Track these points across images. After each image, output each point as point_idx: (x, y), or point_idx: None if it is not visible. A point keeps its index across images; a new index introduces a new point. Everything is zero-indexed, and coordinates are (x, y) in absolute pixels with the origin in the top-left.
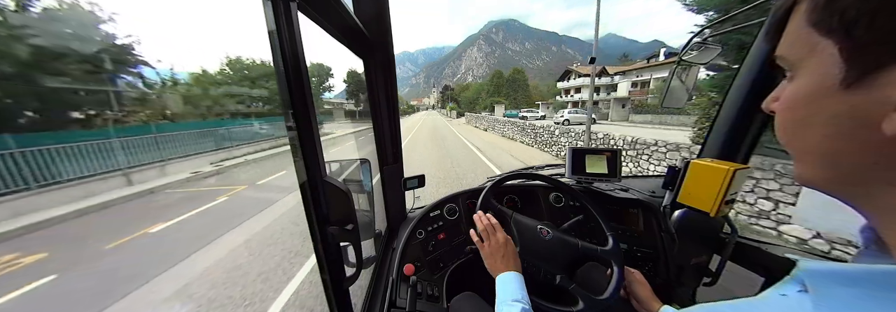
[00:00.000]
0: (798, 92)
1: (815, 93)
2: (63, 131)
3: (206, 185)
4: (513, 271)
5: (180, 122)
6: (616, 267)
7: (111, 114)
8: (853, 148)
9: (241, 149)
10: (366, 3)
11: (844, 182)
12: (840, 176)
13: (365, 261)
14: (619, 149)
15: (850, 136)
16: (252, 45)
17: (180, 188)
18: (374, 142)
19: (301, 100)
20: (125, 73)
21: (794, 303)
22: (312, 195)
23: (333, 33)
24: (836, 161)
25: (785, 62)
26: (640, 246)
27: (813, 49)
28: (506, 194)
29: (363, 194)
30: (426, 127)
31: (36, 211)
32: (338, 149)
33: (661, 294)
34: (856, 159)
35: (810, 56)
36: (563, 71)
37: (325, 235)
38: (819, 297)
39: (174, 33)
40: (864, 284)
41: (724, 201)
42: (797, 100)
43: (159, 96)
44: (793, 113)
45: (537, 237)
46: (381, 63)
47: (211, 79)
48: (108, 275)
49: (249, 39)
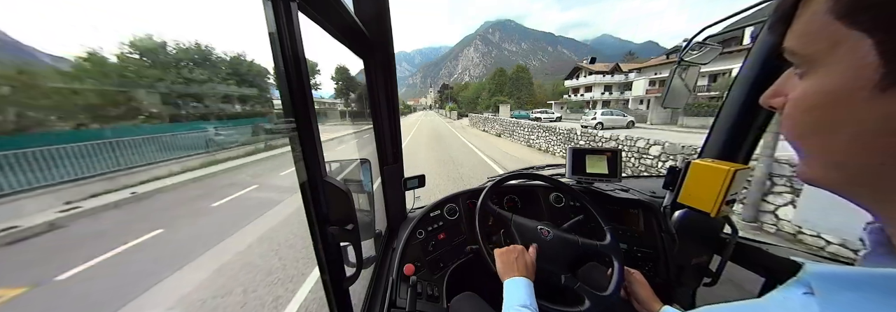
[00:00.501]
0: (818, 92)
1: (841, 95)
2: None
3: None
4: (522, 276)
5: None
6: (616, 262)
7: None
8: (873, 153)
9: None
10: (366, 3)
11: (852, 182)
12: (848, 177)
13: (365, 261)
14: (620, 149)
15: (874, 142)
16: (252, 44)
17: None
18: (374, 141)
19: (301, 100)
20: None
21: (799, 306)
22: (313, 195)
23: (333, 33)
24: (847, 162)
25: (797, 57)
26: (641, 247)
27: (837, 44)
28: (506, 194)
29: (363, 194)
30: (425, 130)
31: None
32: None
33: (662, 294)
34: (867, 161)
35: (833, 52)
36: (570, 69)
37: (325, 235)
38: (825, 301)
39: (173, 33)
40: (870, 288)
41: (725, 201)
42: (815, 100)
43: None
44: (809, 114)
45: (538, 238)
46: (381, 63)
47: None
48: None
49: (249, 39)
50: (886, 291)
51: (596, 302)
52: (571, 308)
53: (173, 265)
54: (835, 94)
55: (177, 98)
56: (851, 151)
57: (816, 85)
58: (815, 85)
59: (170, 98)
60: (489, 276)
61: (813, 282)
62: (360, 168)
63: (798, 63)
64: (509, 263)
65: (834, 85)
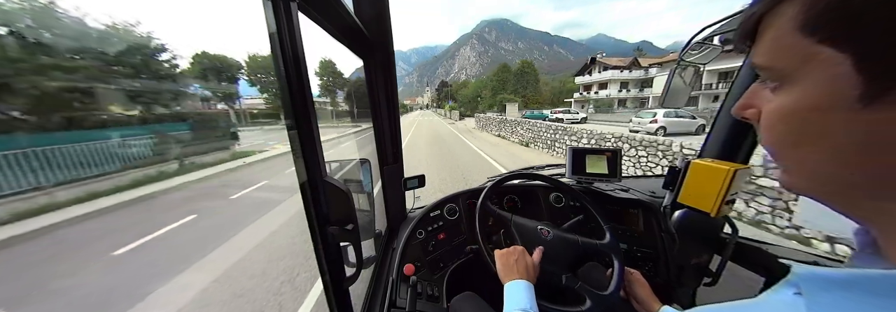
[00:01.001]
0: (795, 107)
1: (819, 110)
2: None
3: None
4: (523, 279)
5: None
6: (616, 261)
7: None
8: (853, 165)
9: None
10: (366, 3)
11: (833, 192)
12: (830, 188)
13: (365, 261)
14: (620, 149)
15: (856, 155)
16: (252, 44)
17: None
18: (374, 141)
19: (301, 100)
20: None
21: (788, 306)
22: (313, 195)
23: (333, 33)
24: (829, 174)
25: (768, 72)
26: (641, 246)
27: (808, 59)
28: (506, 194)
29: (363, 194)
30: (424, 135)
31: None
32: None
33: (661, 294)
34: (842, 171)
35: (805, 67)
36: (568, 68)
37: (325, 235)
38: (811, 301)
39: (174, 33)
40: (853, 288)
41: (725, 201)
42: (793, 115)
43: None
44: (787, 127)
45: (538, 238)
46: (381, 63)
47: None
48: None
49: (249, 39)
50: (868, 291)
51: (597, 302)
52: (572, 308)
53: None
54: (813, 109)
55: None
56: (829, 163)
57: (792, 100)
58: (790, 99)
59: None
60: (489, 276)
61: (800, 283)
62: (360, 168)
63: (770, 77)
64: (509, 265)
65: (811, 99)
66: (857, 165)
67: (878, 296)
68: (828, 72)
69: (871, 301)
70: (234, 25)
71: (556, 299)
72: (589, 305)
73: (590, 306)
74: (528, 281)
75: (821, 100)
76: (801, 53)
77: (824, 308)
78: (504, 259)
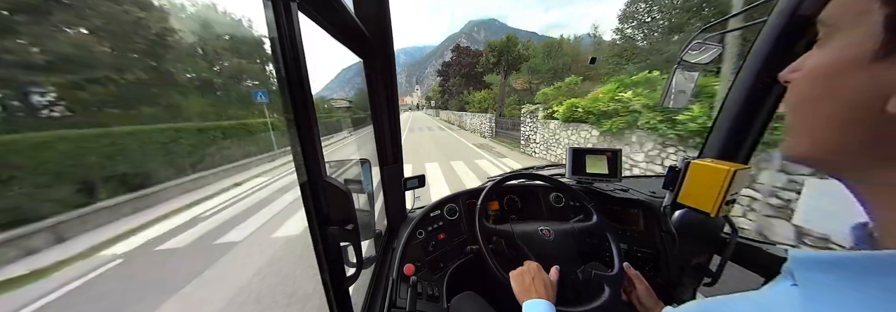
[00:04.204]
0: (823, 60)
1: (841, 64)
2: None
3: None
4: (541, 298)
5: None
6: (610, 236)
7: None
8: (855, 123)
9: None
10: (366, 3)
11: (833, 152)
12: (832, 147)
13: (365, 261)
14: (620, 150)
15: (859, 112)
16: (251, 44)
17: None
18: (374, 141)
19: (301, 101)
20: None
21: (782, 294)
22: (312, 195)
23: (333, 33)
24: (831, 136)
25: (824, 26)
26: (641, 247)
27: (862, 13)
28: (506, 194)
29: (363, 194)
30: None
31: None
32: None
33: (662, 294)
34: (851, 132)
35: (855, 21)
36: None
37: (325, 235)
38: (805, 285)
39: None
40: (848, 269)
41: (725, 201)
42: (819, 69)
43: None
44: (812, 81)
45: (541, 240)
46: (380, 63)
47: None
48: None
49: (248, 39)
50: (863, 271)
51: (611, 285)
52: (587, 305)
53: None
54: (837, 63)
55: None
56: (837, 119)
57: (825, 54)
58: (824, 54)
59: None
60: (489, 276)
61: (795, 267)
62: (360, 168)
63: (823, 33)
64: (526, 286)
65: (839, 54)
66: (851, 123)
67: (868, 275)
68: (867, 26)
69: (861, 279)
70: (234, 25)
71: (567, 301)
72: (607, 292)
73: (608, 294)
74: (549, 301)
75: (847, 54)
76: (857, 9)
77: (820, 289)
78: (519, 278)
